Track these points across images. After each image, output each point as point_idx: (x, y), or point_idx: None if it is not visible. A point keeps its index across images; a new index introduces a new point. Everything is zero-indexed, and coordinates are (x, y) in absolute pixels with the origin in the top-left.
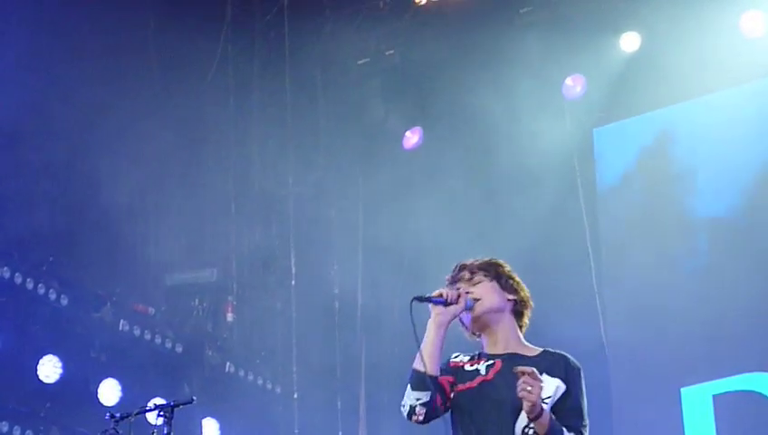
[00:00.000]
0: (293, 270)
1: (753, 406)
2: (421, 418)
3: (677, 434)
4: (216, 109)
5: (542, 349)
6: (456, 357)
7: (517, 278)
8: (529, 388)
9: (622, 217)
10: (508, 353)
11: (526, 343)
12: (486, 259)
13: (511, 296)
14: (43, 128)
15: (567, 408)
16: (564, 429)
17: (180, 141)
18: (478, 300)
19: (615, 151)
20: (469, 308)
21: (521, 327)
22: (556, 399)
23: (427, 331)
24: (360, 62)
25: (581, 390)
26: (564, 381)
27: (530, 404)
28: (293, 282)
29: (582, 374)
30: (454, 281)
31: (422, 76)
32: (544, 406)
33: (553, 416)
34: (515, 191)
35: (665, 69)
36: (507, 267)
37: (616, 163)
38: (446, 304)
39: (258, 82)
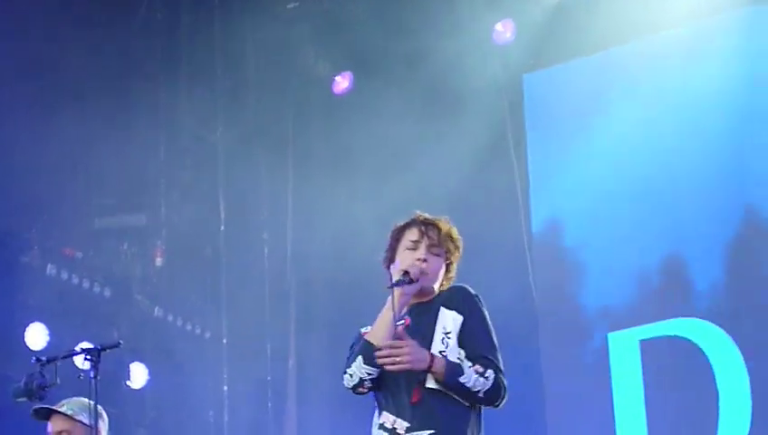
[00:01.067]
0: (222, 215)
1: (679, 351)
2: (365, 391)
3: (605, 379)
4: (144, 52)
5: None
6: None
7: (459, 255)
8: (395, 359)
9: (551, 162)
10: (414, 303)
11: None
12: (454, 236)
13: (446, 277)
14: None
15: (470, 336)
16: (463, 363)
17: (108, 84)
18: (426, 275)
19: (544, 97)
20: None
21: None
22: (457, 330)
23: (387, 309)
24: (289, 6)
25: (483, 315)
26: (461, 312)
27: (409, 368)
28: (222, 227)
29: (482, 301)
30: (422, 231)
31: (353, 20)
32: (430, 357)
33: (447, 359)
34: (447, 135)
35: (596, 14)
36: (460, 250)
37: (545, 109)
38: (410, 282)
39: (187, 26)
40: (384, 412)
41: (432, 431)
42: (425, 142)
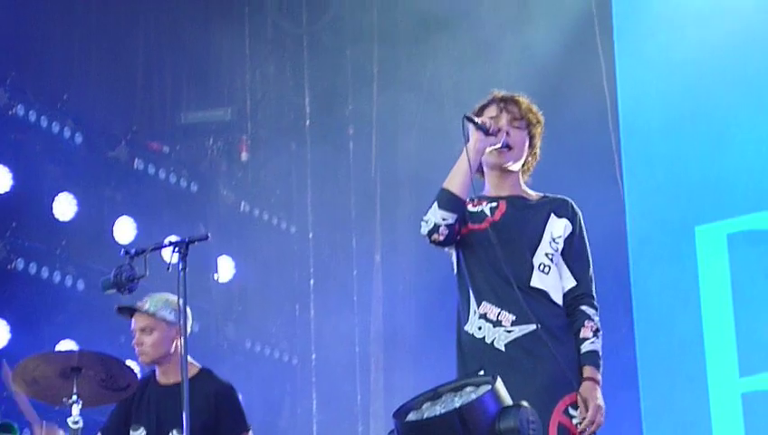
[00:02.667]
0: (308, 109)
1: None
2: (442, 238)
3: (692, 273)
4: None
5: (542, 194)
6: (470, 186)
7: (541, 133)
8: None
9: (641, 57)
10: (511, 195)
11: (526, 189)
12: (534, 110)
13: (529, 156)
14: None
15: (576, 249)
16: (589, 339)
17: None
18: (511, 148)
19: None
20: (501, 148)
21: (524, 178)
22: (565, 238)
23: (463, 153)
24: None
25: (585, 232)
26: (571, 222)
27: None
28: (308, 122)
29: (581, 217)
30: (501, 107)
31: None
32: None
33: (591, 364)
34: (532, 31)
35: None
36: (540, 127)
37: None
38: (486, 132)
39: None
40: (485, 302)
41: (536, 326)
42: (509, 30)
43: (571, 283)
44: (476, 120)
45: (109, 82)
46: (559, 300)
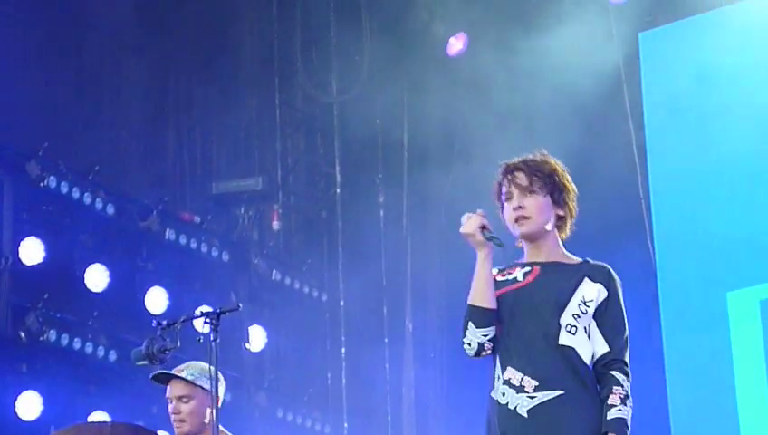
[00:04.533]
0: (338, 178)
1: None
2: (489, 352)
3: (725, 339)
4: (258, 14)
5: (581, 259)
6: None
7: (570, 185)
8: None
9: (670, 122)
10: (548, 262)
11: (567, 253)
12: (545, 163)
13: (560, 212)
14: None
15: (609, 315)
16: (618, 409)
17: (221, 48)
18: (528, 218)
19: (662, 56)
20: (517, 220)
21: (561, 237)
22: (598, 303)
23: (478, 267)
24: None
25: (621, 300)
26: (606, 287)
27: None
28: (338, 190)
29: (620, 285)
30: (509, 180)
31: None
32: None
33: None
34: (560, 98)
35: None
36: (564, 176)
37: (663, 68)
38: (492, 239)
39: None
40: (509, 368)
41: (561, 392)
42: (538, 102)
43: (603, 348)
44: (492, 235)
45: (140, 152)
46: (587, 359)
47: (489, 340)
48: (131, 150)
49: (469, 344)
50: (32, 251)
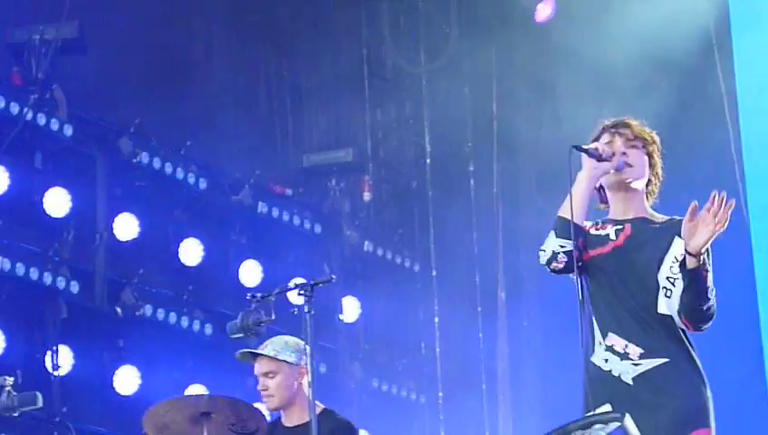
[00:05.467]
0: (428, 148)
1: None
2: (561, 266)
3: None
4: None
5: (668, 217)
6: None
7: (660, 160)
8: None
9: (763, 85)
10: (637, 218)
11: (654, 213)
12: (648, 130)
13: (651, 176)
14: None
15: None
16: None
17: (308, 21)
18: (630, 166)
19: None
20: (619, 169)
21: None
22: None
23: (577, 181)
24: None
25: (709, 255)
26: None
27: (710, 237)
28: (428, 160)
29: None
30: (612, 132)
31: None
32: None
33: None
34: (649, 62)
35: None
36: (658, 147)
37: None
38: (599, 158)
39: None
40: (611, 334)
41: (666, 359)
42: (627, 67)
43: None
44: (586, 147)
45: (231, 126)
46: (690, 309)
47: (565, 252)
48: (222, 125)
49: (544, 251)
50: (126, 227)
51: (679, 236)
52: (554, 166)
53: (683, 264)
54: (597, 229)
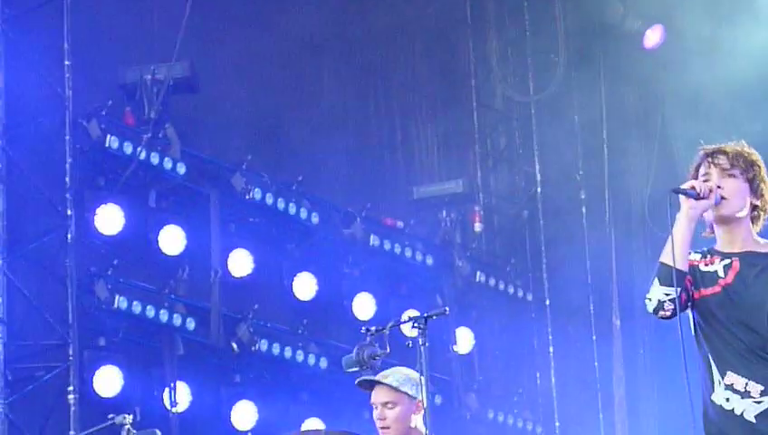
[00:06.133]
0: (538, 177)
1: None
2: (669, 314)
3: None
4: (454, 22)
5: None
6: (690, 255)
7: (761, 178)
8: None
9: None
10: (744, 251)
11: (761, 239)
12: (747, 152)
13: (756, 202)
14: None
15: None
16: None
17: (418, 53)
18: (726, 199)
19: None
20: (717, 204)
21: (755, 229)
22: None
23: (676, 224)
24: None
25: None
26: None
27: None
28: (539, 189)
29: None
30: (708, 162)
31: None
32: None
33: None
34: (755, 85)
35: None
36: (763, 169)
37: None
38: (697, 197)
39: None
40: (730, 373)
41: None
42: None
43: None
44: (682, 188)
45: (341, 161)
46: None
47: (670, 300)
48: (333, 159)
49: (650, 300)
50: (240, 263)
51: None
52: (664, 190)
53: None
54: (706, 264)
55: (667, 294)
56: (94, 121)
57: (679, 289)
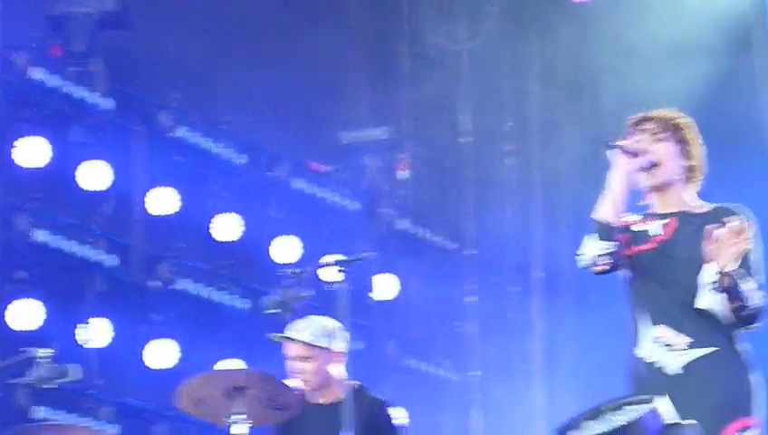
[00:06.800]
0: (467, 127)
1: None
2: (608, 267)
3: None
4: None
5: (713, 205)
6: (623, 217)
7: (698, 139)
8: (742, 241)
9: None
10: (680, 211)
11: (698, 201)
12: (673, 116)
13: (690, 163)
14: None
15: (745, 256)
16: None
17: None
18: (658, 165)
19: None
20: (646, 169)
21: (692, 189)
22: None
23: (610, 180)
24: None
25: (758, 240)
26: None
27: (732, 257)
28: (466, 139)
29: (754, 227)
30: (637, 130)
31: None
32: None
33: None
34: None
35: None
36: (692, 130)
37: None
38: (632, 155)
39: None
40: (661, 326)
41: (713, 349)
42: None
43: None
44: (616, 143)
45: (269, 103)
46: (730, 311)
47: (608, 255)
48: (261, 102)
49: (582, 255)
50: (165, 201)
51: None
52: (594, 145)
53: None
54: (642, 224)
55: (603, 249)
56: (21, 53)
57: (615, 243)
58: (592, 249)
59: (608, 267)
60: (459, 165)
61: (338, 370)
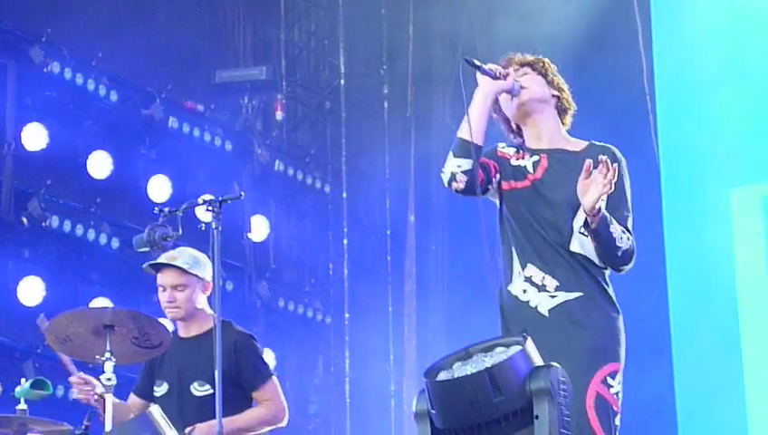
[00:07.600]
0: (343, 69)
1: None
2: (462, 186)
3: (727, 236)
4: None
5: (587, 142)
6: (502, 148)
7: (561, 78)
8: (608, 181)
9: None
10: (553, 148)
11: (570, 138)
12: (535, 57)
13: (555, 92)
14: None
15: (614, 195)
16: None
17: None
18: (525, 88)
19: None
20: (515, 93)
21: (564, 125)
22: None
23: (473, 99)
24: None
25: (626, 180)
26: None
27: (598, 197)
28: (343, 81)
29: (626, 166)
30: (503, 66)
31: None
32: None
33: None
34: None
35: None
36: (554, 66)
37: None
38: (494, 77)
39: None
40: (530, 265)
41: (580, 294)
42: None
43: None
44: (479, 64)
45: (144, 40)
46: (602, 253)
47: (463, 172)
48: (135, 38)
49: (444, 172)
50: (35, 136)
51: (596, 165)
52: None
53: (586, 222)
54: (517, 159)
55: (460, 166)
56: None
57: (473, 162)
58: (451, 166)
59: (463, 185)
60: (334, 106)
61: (204, 301)
